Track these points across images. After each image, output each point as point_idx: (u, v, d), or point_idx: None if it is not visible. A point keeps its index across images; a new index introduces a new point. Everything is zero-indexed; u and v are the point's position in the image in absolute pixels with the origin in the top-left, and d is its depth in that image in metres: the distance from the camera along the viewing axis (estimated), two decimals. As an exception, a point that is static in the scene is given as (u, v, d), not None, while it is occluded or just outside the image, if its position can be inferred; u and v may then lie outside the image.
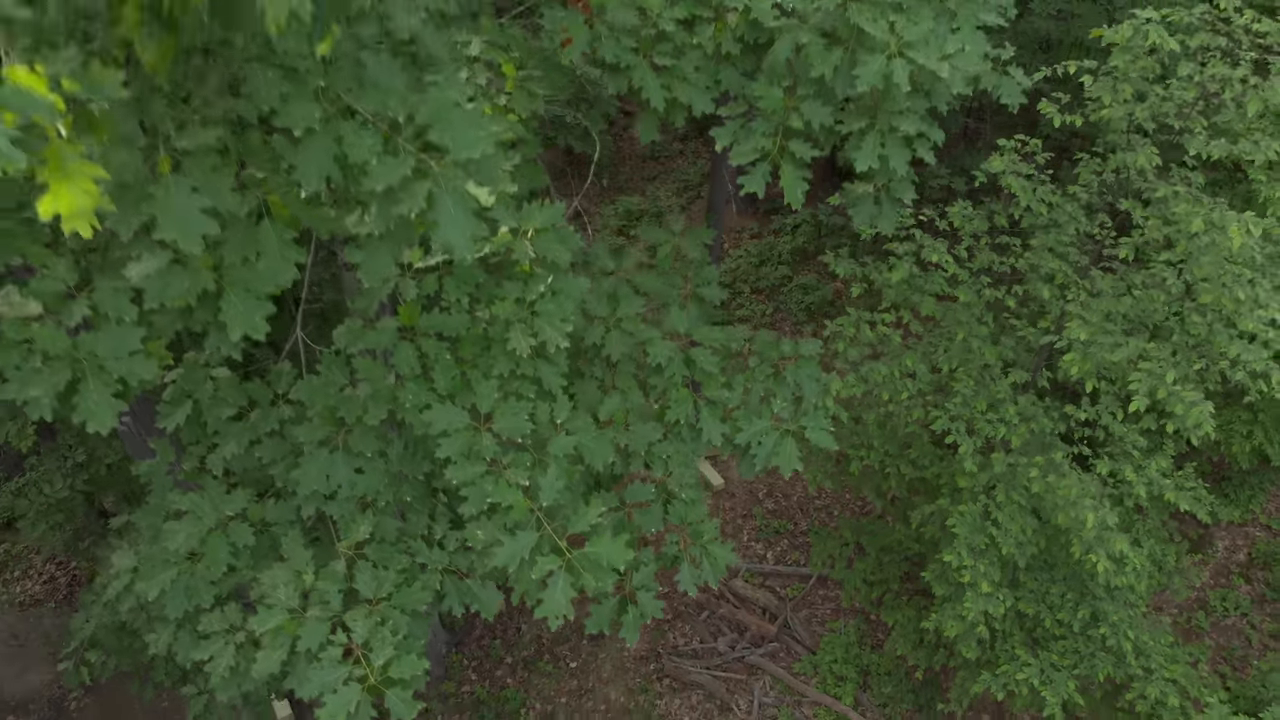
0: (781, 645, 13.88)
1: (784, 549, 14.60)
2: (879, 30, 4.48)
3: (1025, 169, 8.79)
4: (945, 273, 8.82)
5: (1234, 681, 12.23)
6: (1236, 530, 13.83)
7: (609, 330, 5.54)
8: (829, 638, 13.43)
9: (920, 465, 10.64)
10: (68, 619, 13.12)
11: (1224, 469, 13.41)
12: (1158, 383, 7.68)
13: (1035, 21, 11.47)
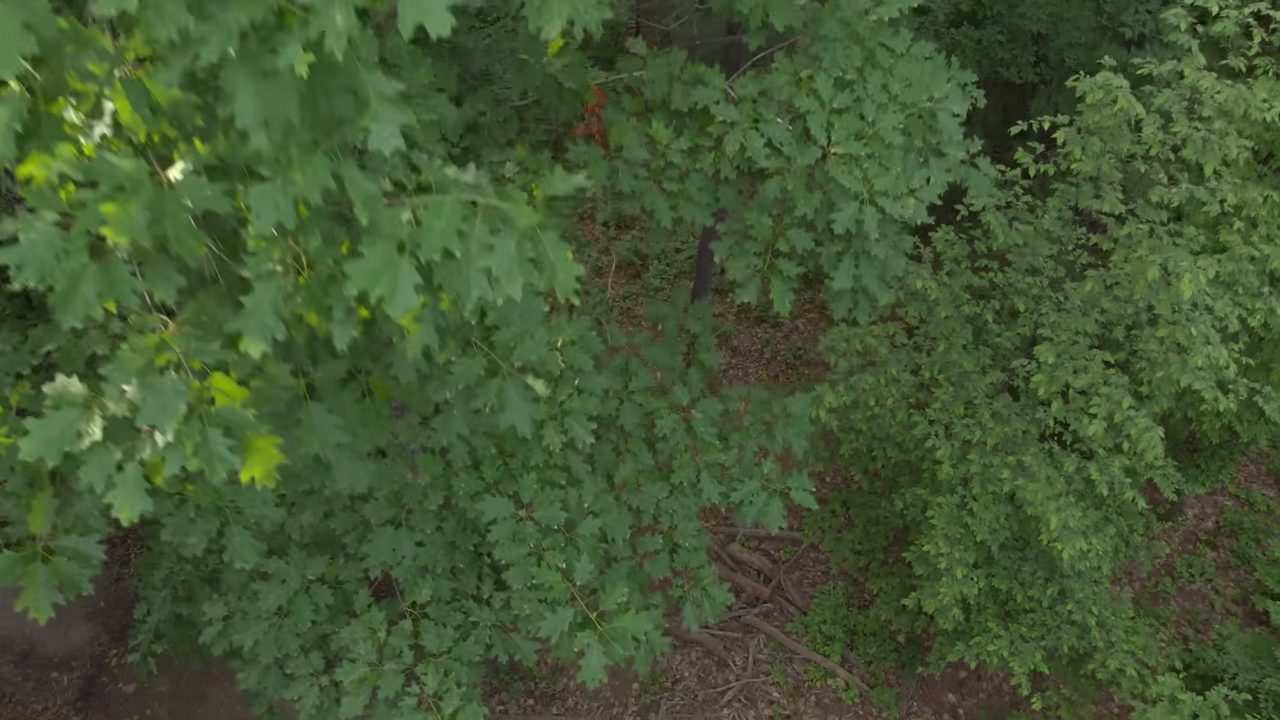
0: (775, 606, 15.44)
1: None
2: (852, 182, 5.58)
3: (1005, 196, 9.84)
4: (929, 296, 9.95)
5: (1195, 644, 13.81)
6: (1206, 499, 15.27)
7: (623, 402, 6.74)
8: (819, 600, 14.96)
9: (905, 449, 11.91)
10: (112, 576, 14.50)
11: (1195, 441, 14.72)
12: (1114, 407, 8.92)
13: (1026, 23, 12.33)
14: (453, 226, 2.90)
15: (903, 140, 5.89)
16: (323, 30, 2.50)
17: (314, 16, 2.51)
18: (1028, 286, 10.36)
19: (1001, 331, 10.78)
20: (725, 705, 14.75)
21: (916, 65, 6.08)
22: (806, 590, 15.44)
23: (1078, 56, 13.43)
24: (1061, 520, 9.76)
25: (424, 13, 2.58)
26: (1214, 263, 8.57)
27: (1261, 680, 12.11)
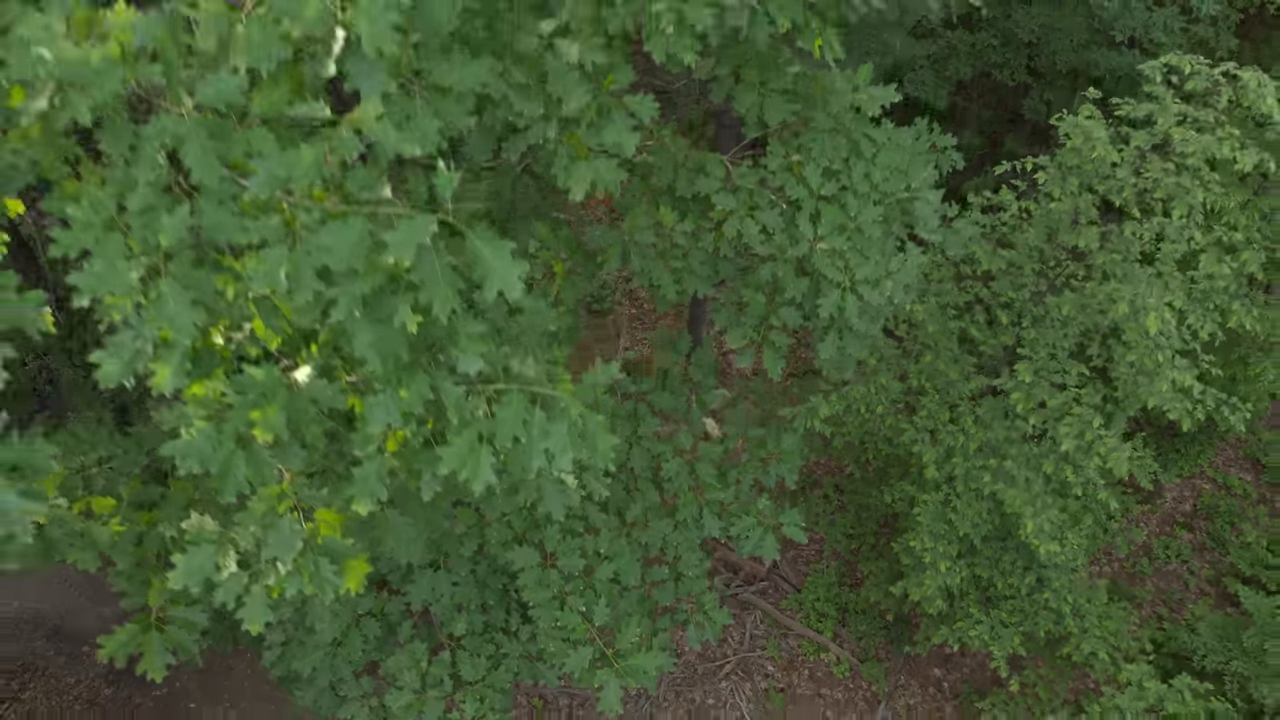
0: (771, 584, 16.66)
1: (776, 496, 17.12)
2: (835, 273, 6.54)
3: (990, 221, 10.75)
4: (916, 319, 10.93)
5: (1169, 623, 15.07)
6: (1185, 483, 16.44)
7: (632, 446, 7.76)
8: (813, 579, 16.18)
9: (894, 444, 12.97)
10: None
11: (1175, 427, 15.81)
12: (1085, 426, 9.97)
13: (1019, 30, 13.11)
14: (519, 417, 3.88)
15: (882, 230, 6.83)
16: (431, 301, 3.45)
17: (424, 290, 3.46)
18: (1010, 300, 11.33)
19: (985, 339, 11.76)
20: (724, 678, 16.00)
21: (898, 152, 6.98)
22: (801, 569, 16.63)
23: (1069, 59, 14.27)
24: (1037, 525, 10.85)
25: (505, 284, 3.53)
26: (1183, 292, 9.51)
27: (1228, 662, 13.34)
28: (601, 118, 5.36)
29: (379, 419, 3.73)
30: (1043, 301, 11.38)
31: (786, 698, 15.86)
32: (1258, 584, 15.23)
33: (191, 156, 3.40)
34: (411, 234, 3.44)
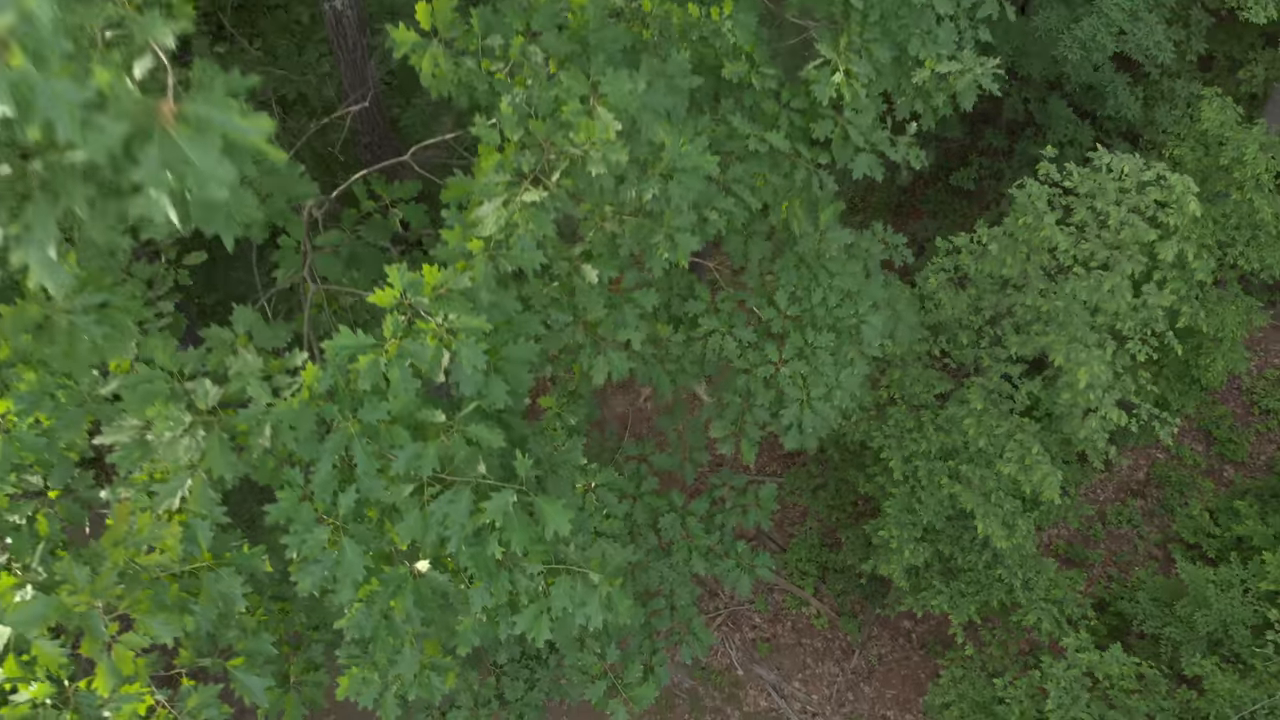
0: (759, 544, 19.29)
1: (764, 460, 19.63)
2: (795, 391, 8.79)
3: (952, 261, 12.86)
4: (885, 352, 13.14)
5: (1117, 584, 17.74)
6: (1140, 451, 18.93)
7: (635, 502, 10.13)
8: (796, 540, 18.80)
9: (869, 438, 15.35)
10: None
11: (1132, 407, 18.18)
12: (1025, 452, 12.34)
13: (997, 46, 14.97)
14: (566, 594, 6.19)
15: (833, 353, 9.04)
16: (510, 538, 5.73)
17: (505, 533, 5.73)
18: (970, 322, 13.56)
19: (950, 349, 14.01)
20: (715, 629, 18.74)
21: (850, 279, 9.13)
22: (786, 530, 19.24)
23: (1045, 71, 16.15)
24: (987, 526, 13.33)
25: (559, 525, 5.78)
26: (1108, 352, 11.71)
27: (1164, 626, 16.02)
28: (614, 313, 7.53)
29: (478, 602, 6.05)
30: (1000, 324, 13.58)
31: (771, 646, 18.66)
32: (1199, 551, 17.86)
33: (358, 454, 5.61)
34: (500, 503, 5.70)
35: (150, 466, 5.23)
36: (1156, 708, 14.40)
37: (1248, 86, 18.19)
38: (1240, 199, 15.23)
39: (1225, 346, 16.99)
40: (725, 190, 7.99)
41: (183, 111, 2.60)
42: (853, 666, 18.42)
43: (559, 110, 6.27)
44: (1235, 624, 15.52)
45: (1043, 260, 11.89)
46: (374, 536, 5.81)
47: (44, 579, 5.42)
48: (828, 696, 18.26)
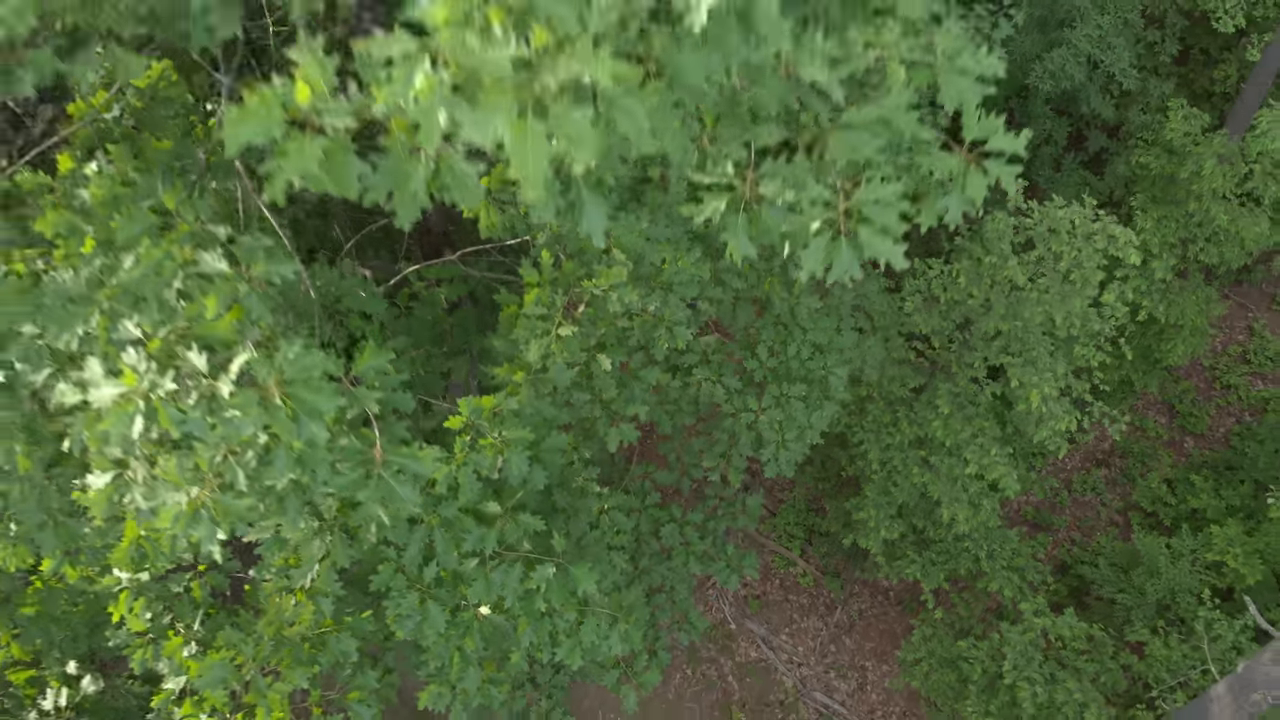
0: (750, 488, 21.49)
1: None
2: (772, 435, 10.85)
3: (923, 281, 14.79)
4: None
5: (1079, 549, 20.06)
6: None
7: (641, 514, 12.25)
8: (785, 506, 21.05)
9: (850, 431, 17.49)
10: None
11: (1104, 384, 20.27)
12: (984, 454, 14.46)
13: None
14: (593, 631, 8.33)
15: (805, 400, 11.07)
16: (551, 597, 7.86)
17: (547, 592, 7.85)
18: (940, 327, 15.57)
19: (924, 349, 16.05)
20: (710, 587, 21.07)
21: (821, 334, 11.11)
22: (776, 497, 21.47)
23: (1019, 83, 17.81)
24: (952, 512, 15.52)
25: (588, 587, 7.89)
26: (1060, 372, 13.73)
27: (1119, 592, 18.36)
28: (624, 390, 9.53)
29: (526, 640, 8.17)
30: (969, 329, 15.58)
31: (761, 603, 21.05)
32: (1155, 519, 20.16)
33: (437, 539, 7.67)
34: (544, 573, 7.78)
35: (285, 555, 7.28)
36: (1102, 669, 16.79)
37: (1221, 86, 19.87)
38: (1198, 208, 17.11)
39: (1185, 332, 19.02)
40: (718, 281, 9.94)
41: (387, 459, 4.58)
42: (835, 621, 20.83)
43: (584, 248, 8.20)
44: (1182, 592, 17.88)
45: (1005, 289, 13.84)
46: (449, 595, 7.90)
47: (202, 636, 7.52)
48: (812, 648, 20.71)
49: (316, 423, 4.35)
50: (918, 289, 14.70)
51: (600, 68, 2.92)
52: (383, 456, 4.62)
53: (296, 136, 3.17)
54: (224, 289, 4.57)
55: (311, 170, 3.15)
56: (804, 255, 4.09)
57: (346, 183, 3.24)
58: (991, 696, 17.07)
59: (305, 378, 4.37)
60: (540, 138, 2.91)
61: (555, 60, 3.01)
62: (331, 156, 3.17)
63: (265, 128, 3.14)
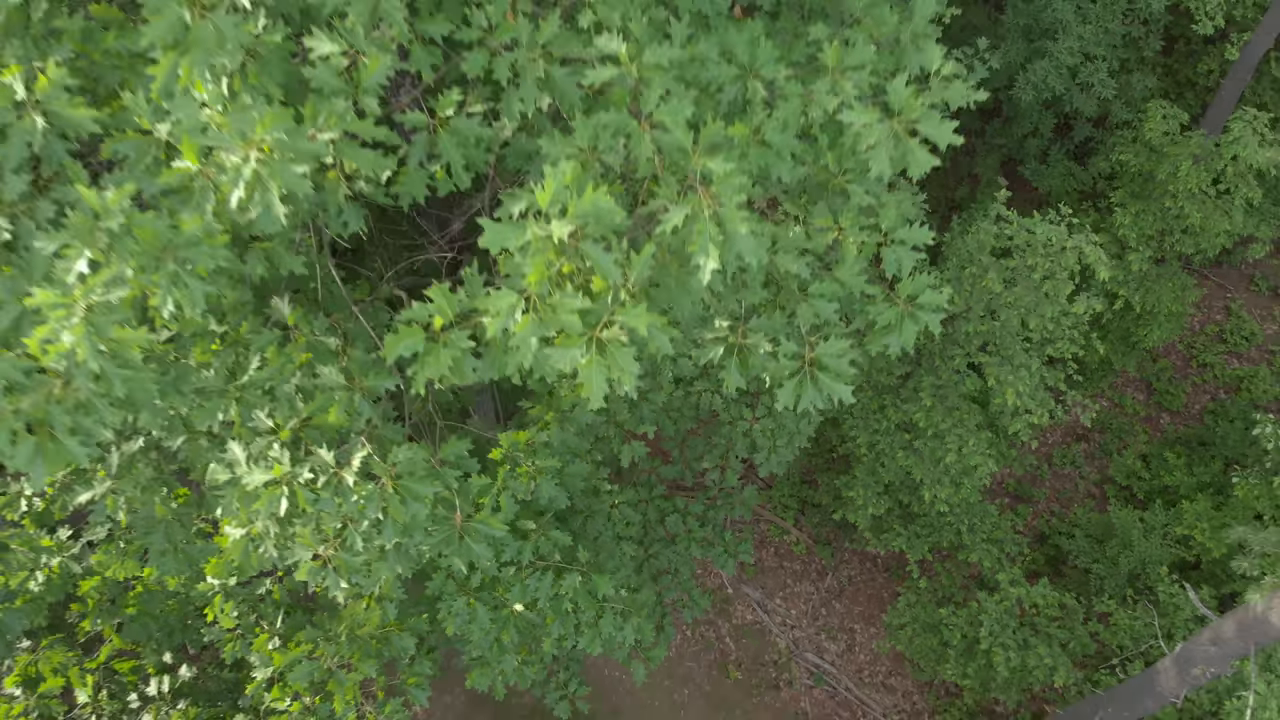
0: (746, 480, 23.41)
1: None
2: (765, 441, 12.63)
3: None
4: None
5: (1057, 520, 21.97)
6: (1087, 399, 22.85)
7: (649, 504, 14.08)
8: (779, 478, 22.92)
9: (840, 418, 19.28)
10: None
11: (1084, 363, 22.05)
12: (963, 444, 16.27)
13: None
14: (611, 624, 10.18)
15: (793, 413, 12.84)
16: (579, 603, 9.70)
17: (576, 601, 9.68)
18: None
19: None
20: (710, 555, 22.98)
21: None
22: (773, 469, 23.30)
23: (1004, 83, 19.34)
24: (934, 493, 17.38)
25: (604, 587, 9.71)
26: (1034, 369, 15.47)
27: (1093, 563, 20.29)
28: (635, 411, 11.27)
29: (554, 632, 10.00)
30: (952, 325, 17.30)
31: (757, 569, 23.00)
32: (1130, 492, 22.06)
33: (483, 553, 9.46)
34: (570, 581, 9.59)
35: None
36: (1072, 635, 18.76)
37: (1204, 80, 21.37)
38: (1174, 205, 18.73)
39: (1161, 318, 20.74)
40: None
41: (466, 526, 6.32)
42: (826, 586, 22.81)
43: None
44: (1152, 564, 19.81)
45: (984, 297, 15.54)
46: (491, 597, 9.72)
47: (283, 631, 9.35)
48: (804, 611, 22.72)
49: (420, 504, 6.07)
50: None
51: (639, 319, 4.62)
52: (463, 523, 6.38)
53: (433, 349, 4.86)
54: (343, 398, 6.27)
55: (443, 372, 4.85)
56: (779, 392, 5.82)
57: (464, 375, 4.94)
58: (969, 660, 19.08)
59: (411, 470, 6.09)
60: (601, 368, 4.60)
61: (609, 306, 4.70)
62: (455, 362, 4.87)
63: (412, 345, 4.85)
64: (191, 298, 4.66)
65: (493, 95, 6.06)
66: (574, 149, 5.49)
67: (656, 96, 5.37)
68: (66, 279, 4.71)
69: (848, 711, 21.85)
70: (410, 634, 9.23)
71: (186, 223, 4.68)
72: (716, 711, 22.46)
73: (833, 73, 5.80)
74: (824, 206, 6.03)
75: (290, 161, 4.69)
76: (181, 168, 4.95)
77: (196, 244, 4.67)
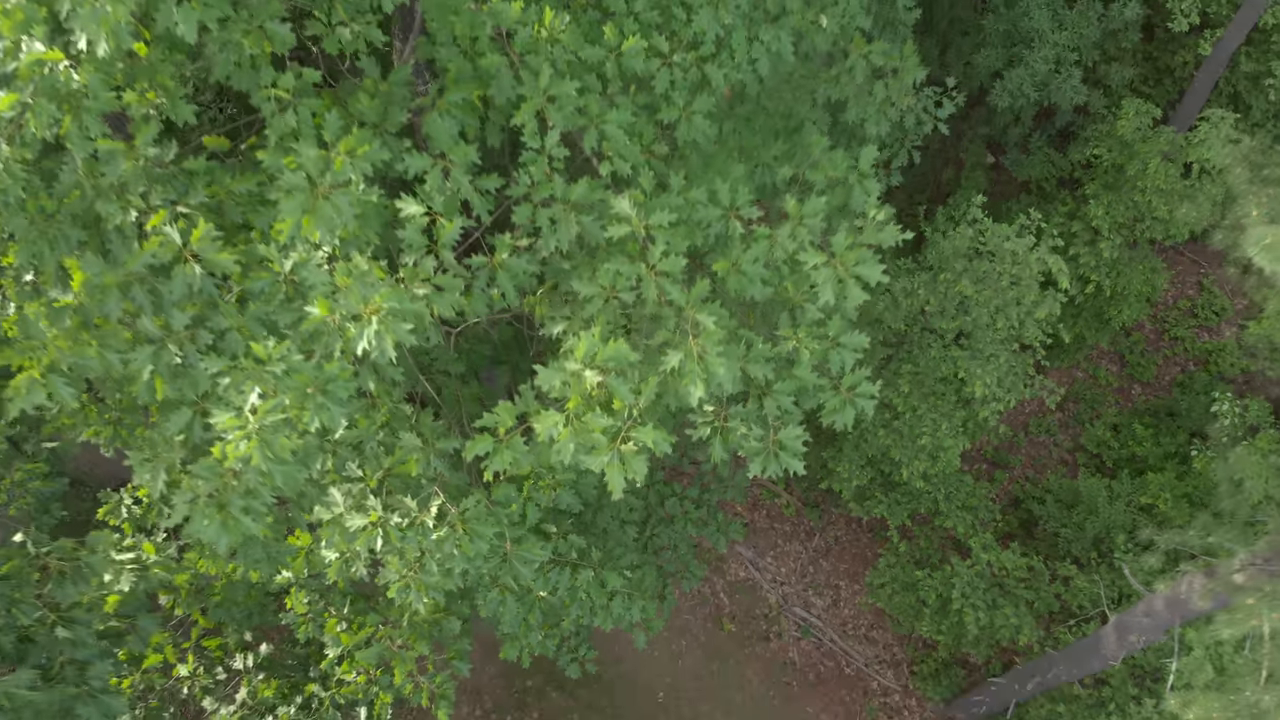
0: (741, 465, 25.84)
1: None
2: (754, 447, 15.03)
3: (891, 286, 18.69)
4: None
5: (1030, 485, 24.45)
6: (1064, 373, 25.25)
7: (650, 487, 16.48)
8: (773, 444, 25.31)
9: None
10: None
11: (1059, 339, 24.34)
12: (937, 428, 18.64)
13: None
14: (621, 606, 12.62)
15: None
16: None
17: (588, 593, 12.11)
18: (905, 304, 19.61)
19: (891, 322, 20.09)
20: (702, 514, 25.46)
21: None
22: (764, 435, 25.73)
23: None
24: (911, 470, 19.80)
25: (613, 583, 12.11)
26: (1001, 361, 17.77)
27: (1062, 527, 22.79)
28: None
29: (573, 614, 12.41)
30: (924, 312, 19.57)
31: (749, 529, 25.51)
32: (1100, 460, 24.50)
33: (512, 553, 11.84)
34: (584, 576, 11.97)
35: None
36: (1037, 595, 21.33)
37: (1180, 70, 23.36)
38: (1143, 200, 20.89)
39: (1131, 298, 22.99)
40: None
41: (516, 551, 8.66)
42: (814, 546, 25.37)
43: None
44: (1115, 529, 22.31)
45: (956, 299, 17.78)
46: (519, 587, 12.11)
47: (349, 616, 11.75)
48: (793, 569, 25.30)
49: (483, 541, 8.39)
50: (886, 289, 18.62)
51: (648, 436, 6.91)
52: (512, 549, 8.74)
53: (499, 449, 7.16)
54: (421, 457, 8.56)
55: (507, 464, 7.14)
56: (751, 463, 8.12)
57: (520, 467, 7.24)
58: (943, 618, 21.67)
59: (476, 515, 8.40)
60: (621, 470, 6.88)
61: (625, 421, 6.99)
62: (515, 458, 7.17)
63: (485, 448, 7.15)
64: (333, 418, 6.93)
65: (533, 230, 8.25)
66: (598, 288, 7.74)
67: (660, 251, 7.60)
68: (241, 405, 6.98)
69: (832, 661, 24.52)
70: (455, 618, 11.62)
71: (329, 365, 6.94)
72: (711, 660, 25.14)
73: (793, 221, 8.00)
74: (786, 318, 8.31)
75: (400, 320, 6.93)
76: (315, 317, 7.18)
77: (336, 380, 6.93)
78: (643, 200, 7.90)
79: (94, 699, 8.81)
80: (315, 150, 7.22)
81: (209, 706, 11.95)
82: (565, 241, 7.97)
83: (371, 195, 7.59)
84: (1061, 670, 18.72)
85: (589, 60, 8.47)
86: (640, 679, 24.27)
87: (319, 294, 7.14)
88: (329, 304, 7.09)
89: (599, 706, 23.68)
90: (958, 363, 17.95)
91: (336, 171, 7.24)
